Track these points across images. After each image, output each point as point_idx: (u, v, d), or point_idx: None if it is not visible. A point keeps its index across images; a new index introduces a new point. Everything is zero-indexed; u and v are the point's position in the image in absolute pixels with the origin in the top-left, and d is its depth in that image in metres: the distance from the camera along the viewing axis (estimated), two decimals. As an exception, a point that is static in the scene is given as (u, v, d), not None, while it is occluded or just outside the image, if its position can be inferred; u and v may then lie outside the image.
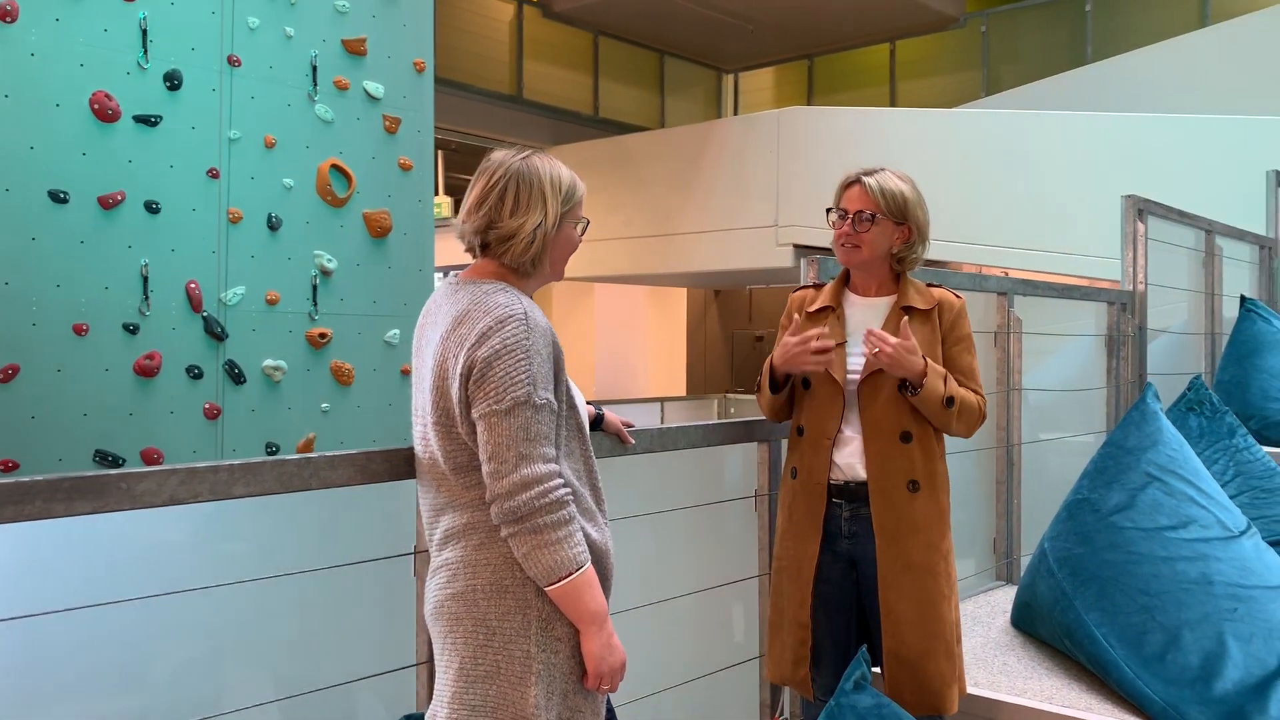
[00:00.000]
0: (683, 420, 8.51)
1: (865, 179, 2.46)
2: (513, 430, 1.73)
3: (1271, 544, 3.21)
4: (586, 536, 1.80)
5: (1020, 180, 7.88)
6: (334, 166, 5.23)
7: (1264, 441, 4.47)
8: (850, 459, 2.44)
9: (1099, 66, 9.80)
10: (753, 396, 12.36)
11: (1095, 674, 2.72)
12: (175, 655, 1.89)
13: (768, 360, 2.55)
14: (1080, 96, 9.25)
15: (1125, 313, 4.59)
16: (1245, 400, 4.70)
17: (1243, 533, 2.92)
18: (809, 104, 12.16)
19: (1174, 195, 5.07)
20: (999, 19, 11.27)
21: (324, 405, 5.16)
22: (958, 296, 2.51)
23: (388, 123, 5.49)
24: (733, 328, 14.49)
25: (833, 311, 2.52)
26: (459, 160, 11.98)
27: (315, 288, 5.13)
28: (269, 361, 4.94)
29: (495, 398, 1.73)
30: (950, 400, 2.36)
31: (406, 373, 5.46)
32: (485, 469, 1.75)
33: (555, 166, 1.92)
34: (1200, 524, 2.88)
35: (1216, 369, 5.39)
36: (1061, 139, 7.87)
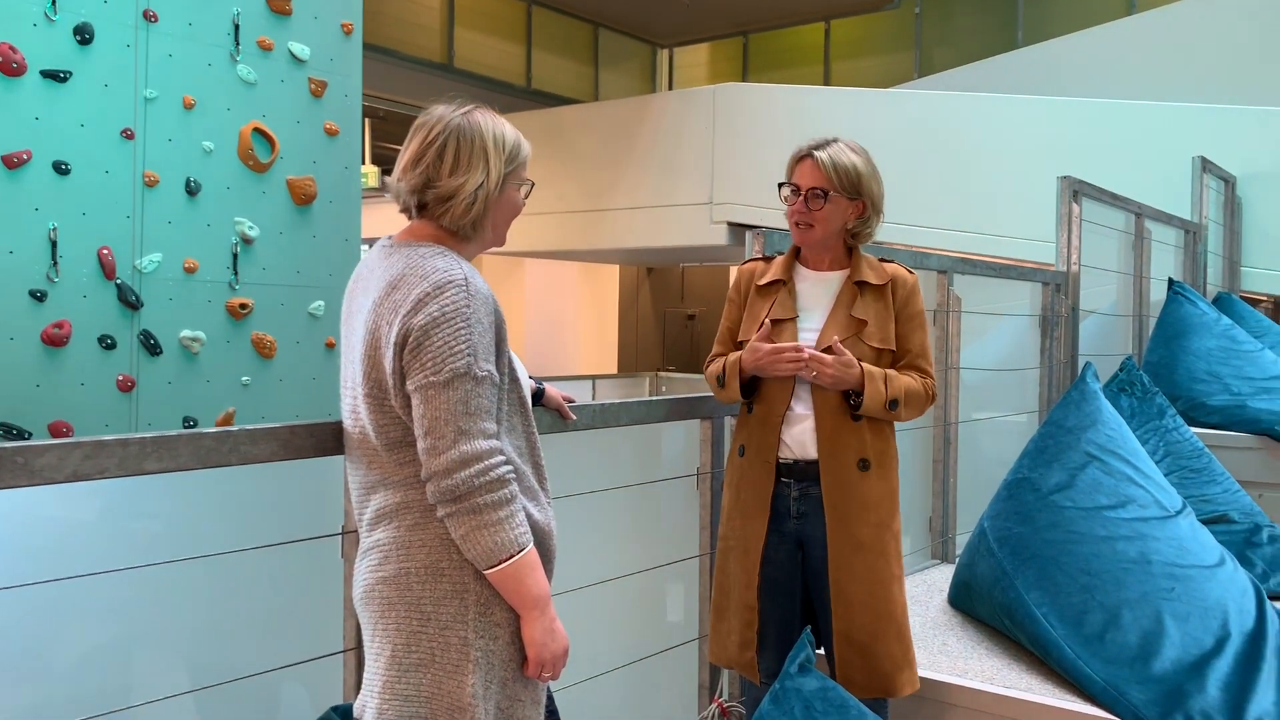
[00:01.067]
0: (615, 398, 8.42)
1: (817, 153, 2.38)
2: (451, 404, 1.62)
3: (1202, 523, 3.24)
4: (529, 517, 1.70)
5: (954, 162, 7.92)
6: (257, 130, 5.02)
7: (1191, 422, 4.53)
8: (801, 437, 2.37)
9: (1029, 51, 9.90)
10: (685, 375, 12.26)
11: (1036, 654, 2.71)
12: (80, 643, 1.75)
13: (734, 359, 2.41)
14: (1011, 80, 9.32)
15: (1059, 294, 4.61)
16: (1173, 382, 4.77)
17: (1179, 512, 2.93)
18: (744, 81, 12.10)
19: (1103, 179, 5.11)
20: (932, 1, 11.32)
21: (244, 379, 4.98)
22: (910, 273, 2.46)
23: (314, 86, 5.29)
24: (665, 306, 14.43)
25: (783, 285, 2.44)
26: (387, 129, 11.68)
27: (236, 256, 4.94)
28: (186, 332, 4.74)
29: (433, 369, 1.62)
30: (893, 403, 2.31)
31: (331, 346, 5.29)
32: (421, 445, 1.63)
33: (499, 123, 1.80)
34: (1139, 503, 2.88)
35: (1144, 351, 5.47)
36: (995, 121, 7.92)
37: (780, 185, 2.45)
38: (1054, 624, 2.65)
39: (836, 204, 2.37)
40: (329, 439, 1.84)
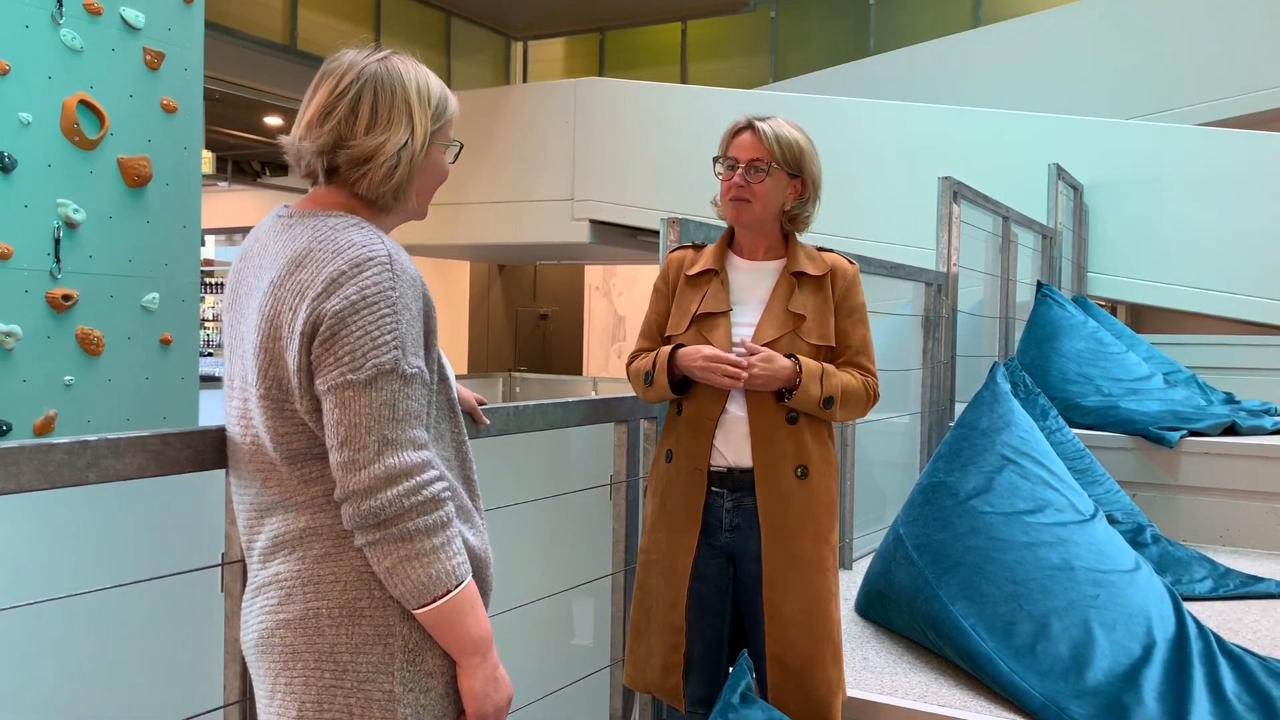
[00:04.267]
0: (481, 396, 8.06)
1: (758, 124, 2.18)
2: (375, 407, 1.32)
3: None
4: (465, 543, 1.43)
5: (825, 166, 7.93)
6: (83, 102, 4.50)
7: (1068, 423, 4.57)
8: (736, 443, 2.16)
9: (881, 59, 10.08)
10: (540, 376, 11.94)
11: (964, 667, 2.59)
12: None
13: (663, 353, 2.18)
14: (864, 86, 9.47)
15: (940, 294, 4.58)
16: (1046, 383, 4.82)
17: (1093, 516, 2.87)
18: (602, 77, 11.92)
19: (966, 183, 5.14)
20: (788, 6, 11.41)
21: (67, 378, 4.45)
22: (851, 263, 2.29)
23: (149, 57, 4.78)
24: (517, 305, 14.09)
25: (715, 275, 2.23)
26: (223, 113, 10.91)
27: (58, 242, 4.41)
28: (0, 326, 4.19)
29: (351, 365, 1.32)
30: (828, 401, 2.13)
31: (167, 342, 4.79)
32: (335, 458, 1.33)
33: (421, 72, 1.51)
34: (1055, 507, 2.81)
35: (1011, 352, 5.54)
36: (856, 126, 7.97)
37: (715, 160, 2.23)
38: (983, 636, 2.53)
39: (777, 179, 2.18)
40: (209, 449, 1.51)
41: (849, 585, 3.38)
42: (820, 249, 2.30)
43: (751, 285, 2.22)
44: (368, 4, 10.67)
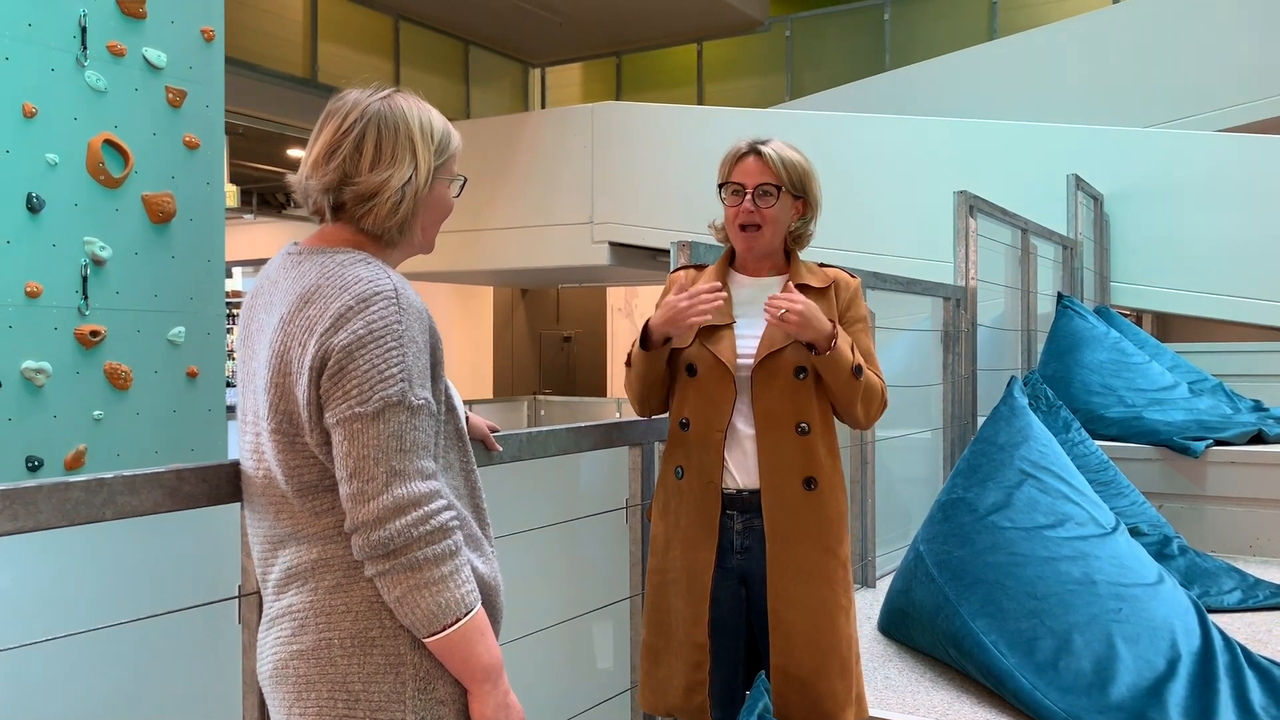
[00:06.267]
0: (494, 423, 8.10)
1: (762, 149, 2.20)
2: (382, 439, 1.35)
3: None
4: (474, 571, 1.44)
5: (835, 182, 7.92)
6: (108, 142, 4.59)
7: (1091, 435, 4.54)
8: (744, 461, 2.17)
9: (897, 74, 10.09)
10: (564, 398, 12.00)
11: (986, 684, 2.57)
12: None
13: (643, 323, 2.21)
14: (880, 102, 9.47)
15: (959, 309, 4.57)
16: (1069, 395, 4.79)
17: (1114, 529, 2.85)
18: (619, 101, 12.00)
19: (983, 196, 5.14)
20: (803, 24, 11.45)
21: (96, 413, 4.52)
22: (853, 276, 2.30)
23: (171, 95, 4.87)
24: (541, 328, 14.15)
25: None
26: (247, 146, 11.08)
27: (85, 279, 4.49)
28: (29, 363, 4.27)
29: (359, 398, 1.35)
30: (858, 370, 2.13)
31: (193, 375, 4.86)
32: (344, 489, 1.36)
33: (424, 109, 1.55)
34: (1076, 521, 2.79)
35: (1034, 365, 5.51)
36: (873, 141, 7.98)
37: (720, 186, 2.25)
38: (1004, 652, 2.52)
39: (785, 202, 2.20)
40: (224, 484, 1.54)
41: (872, 603, 3.38)
42: (821, 264, 2.31)
43: (754, 299, 2.23)
44: (387, 36, 10.80)
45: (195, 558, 1.66)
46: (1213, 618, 3.24)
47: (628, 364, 2.27)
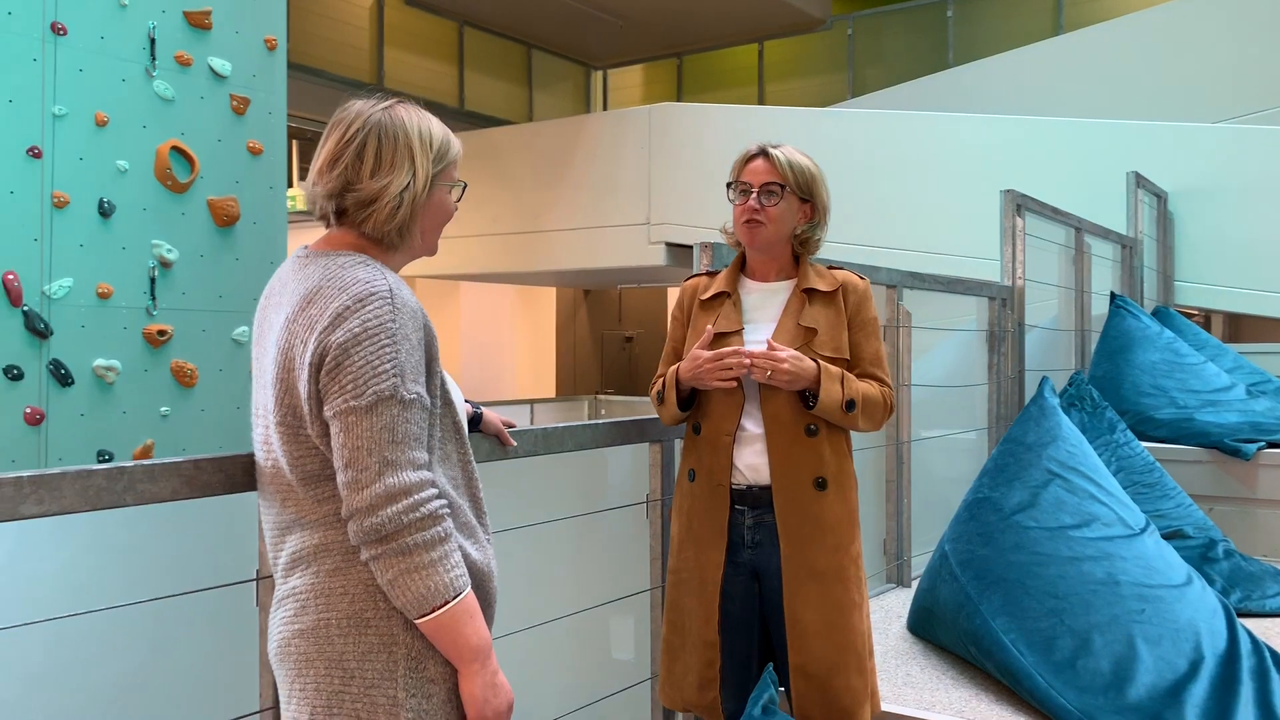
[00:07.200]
0: (554, 421, 8.23)
1: (771, 151, 2.26)
2: (375, 431, 1.43)
3: (1162, 540, 3.15)
4: (465, 557, 1.52)
5: (892, 181, 7.89)
6: (175, 148, 4.79)
7: (1140, 436, 4.48)
8: (753, 459, 2.22)
9: (960, 70, 9.97)
10: (625, 398, 12.09)
11: (1005, 683, 2.58)
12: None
13: (671, 371, 2.29)
14: (943, 99, 9.37)
15: (1005, 308, 4.54)
16: (1119, 396, 4.72)
17: (1143, 530, 2.83)
18: (679, 102, 12.05)
19: (1040, 195, 5.08)
20: (864, 22, 11.38)
21: (163, 409, 4.72)
22: (862, 278, 2.33)
23: (235, 103, 5.07)
24: (602, 328, 14.27)
25: (728, 298, 2.30)
26: (314, 152, 11.38)
27: (153, 280, 4.69)
28: (100, 361, 4.48)
29: (353, 392, 1.44)
30: (850, 404, 2.17)
31: (256, 373, 5.03)
32: (341, 478, 1.45)
33: (424, 118, 1.63)
34: (1103, 522, 2.78)
35: (1087, 365, 5.43)
36: (931, 140, 7.91)
37: (729, 185, 2.31)
38: (1023, 651, 2.52)
39: (789, 202, 2.25)
40: (239, 474, 1.65)
41: (905, 602, 3.38)
42: (831, 266, 2.35)
43: (763, 304, 2.28)
44: (452, 41, 11.00)
45: (217, 543, 1.76)
46: (1253, 622, 3.21)
47: (658, 400, 2.32)
